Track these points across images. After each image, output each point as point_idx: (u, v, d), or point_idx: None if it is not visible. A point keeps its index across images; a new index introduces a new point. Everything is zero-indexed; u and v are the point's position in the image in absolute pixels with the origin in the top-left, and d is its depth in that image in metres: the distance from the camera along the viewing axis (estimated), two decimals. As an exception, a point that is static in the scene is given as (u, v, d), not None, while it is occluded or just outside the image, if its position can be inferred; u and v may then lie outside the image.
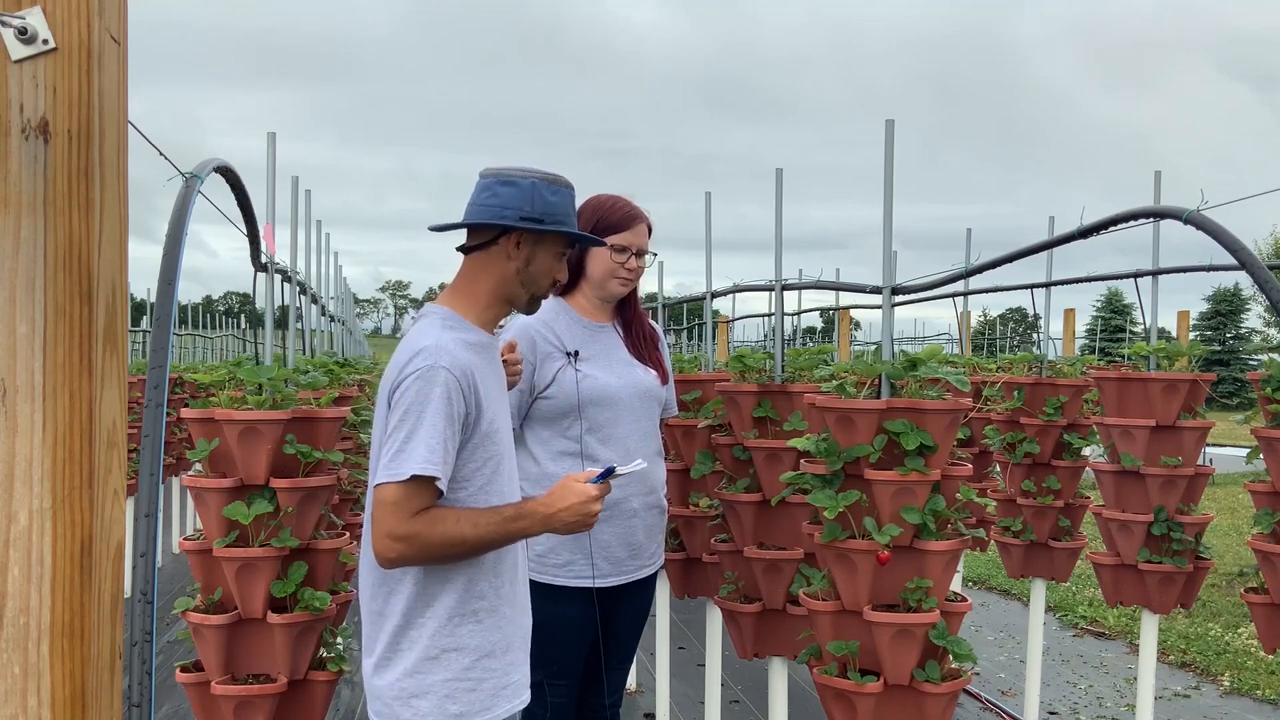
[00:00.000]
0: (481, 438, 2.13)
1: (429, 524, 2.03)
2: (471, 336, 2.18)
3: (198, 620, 2.94)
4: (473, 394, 2.10)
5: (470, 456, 2.12)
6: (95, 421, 1.11)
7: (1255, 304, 37.87)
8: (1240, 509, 11.99)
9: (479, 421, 2.12)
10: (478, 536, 2.06)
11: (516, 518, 2.09)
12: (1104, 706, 5.54)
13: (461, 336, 2.15)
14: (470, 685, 2.13)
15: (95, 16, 1.10)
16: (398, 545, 2.02)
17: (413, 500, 2.03)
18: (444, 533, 2.03)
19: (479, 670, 2.15)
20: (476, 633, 2.14)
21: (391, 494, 2.03)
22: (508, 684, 2.20)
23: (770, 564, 3.39)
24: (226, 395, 3.02)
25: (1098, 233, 2.73)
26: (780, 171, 3.51)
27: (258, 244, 3.03)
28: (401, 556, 2.04)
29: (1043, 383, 4.73)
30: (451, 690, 2.12)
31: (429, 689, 2.12)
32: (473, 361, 2.12)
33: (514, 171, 2.19)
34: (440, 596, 2.13)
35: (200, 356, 13.81)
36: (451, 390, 2.06)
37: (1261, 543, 3.70)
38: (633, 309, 3.13)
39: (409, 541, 2.02)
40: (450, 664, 2.13)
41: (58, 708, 1.09)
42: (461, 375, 2.07)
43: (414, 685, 2.12)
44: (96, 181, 1.11)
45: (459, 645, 2.13)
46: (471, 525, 2.05)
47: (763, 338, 13.26)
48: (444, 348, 2.09)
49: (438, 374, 2.05)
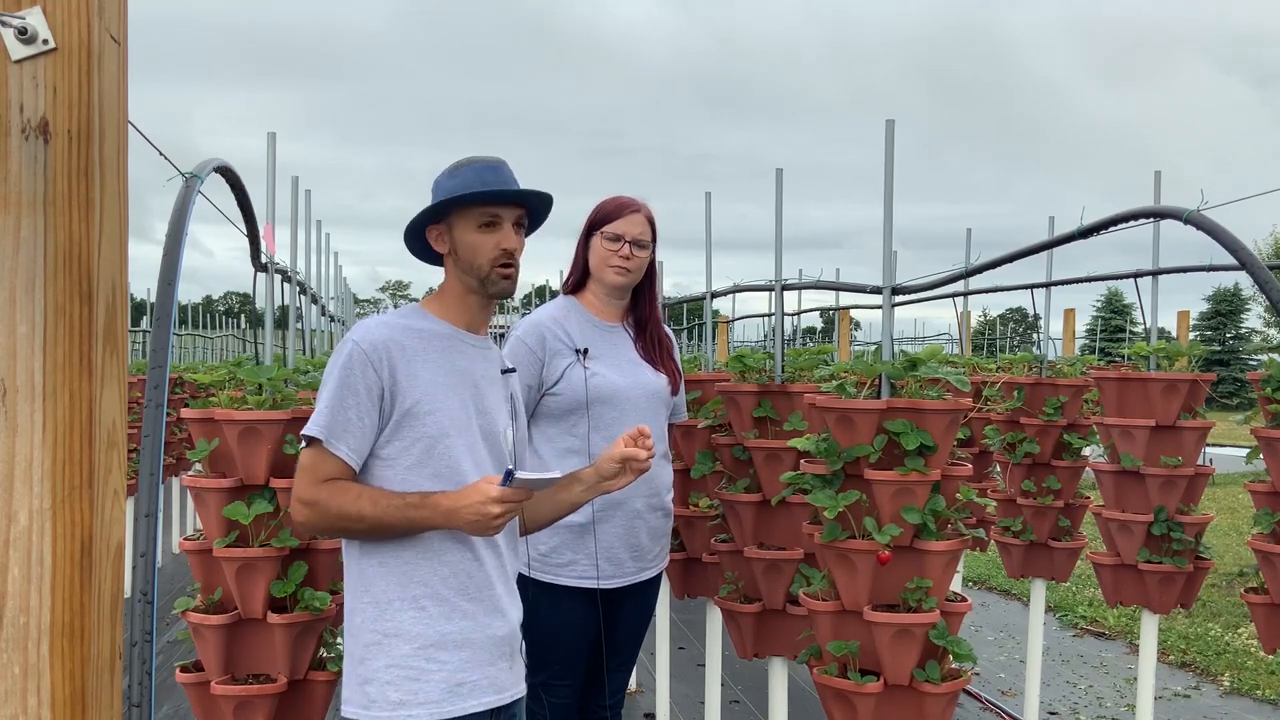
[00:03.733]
0: (404, 415, 2.13)
1: (331, 494, 2.09)
2: (419, 323, 2.21)
3: (198, 620, 2.94)
4: (385, 368, 2.12)
5: (394, 435, 2.14)
6: (95, 421, 1.11)
7: (1255, 304, 37.85)
8: (1240, 509, 11.98)
9: (396, 398, 2.13)
10: (375, 516, 2.08)
11: (419, 506, 2.08)
12: (1104, 706, 5.54)
13: (404, 322, 2.20)
14: (412, 674, 2.11)
15: (95, 16, 1.10)
16: (304, 510, 2.10)
17: (319, 467, 2.10)
18: (341, 505, 2.08)
19: (423, 660, 2.12)
20: (420, 620, 2.13)
21: (302, 459, 2.14)
22: (464, 682, 2.15)
23: (770, 564, 3.39)
24: (226, 395, 3.02)
25: (1098, 233, 2.73)
26: (780, 172, 3.51)
27: (258, 244, 3.03)
28: (307, 521, 2.12)
29: (1043, 383, 4.74)
30: (393, 677, 2.11)
31: (374, 675, 2.13)
32: (399, 340, 2.15)
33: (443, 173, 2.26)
34: (375, 581, 2.14)
35: (200, 356, 13.81)
36: (355, 361, 2.11)
37: (1261, 543, 3.70)
38: (649, 311, 3.10)
39: (312, 508, 2.10)
40: (390, 650, 2.12)
41: (58, 708, 1.09)
42: (370, 349, 2.12)
43: (364, 671, 2.14)
44: (96, 181, 1.11)
45: (398, 631, 2.13)
46: (371, 504, 2.08)
47: (763, 338, 13.26)
48: (362, 326, 2.18)
49: (345, 346, 2.14)
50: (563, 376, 2.89)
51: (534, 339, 2.90)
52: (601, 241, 2.98)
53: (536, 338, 2.90)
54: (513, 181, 2.24)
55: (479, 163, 2.22)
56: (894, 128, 2.78)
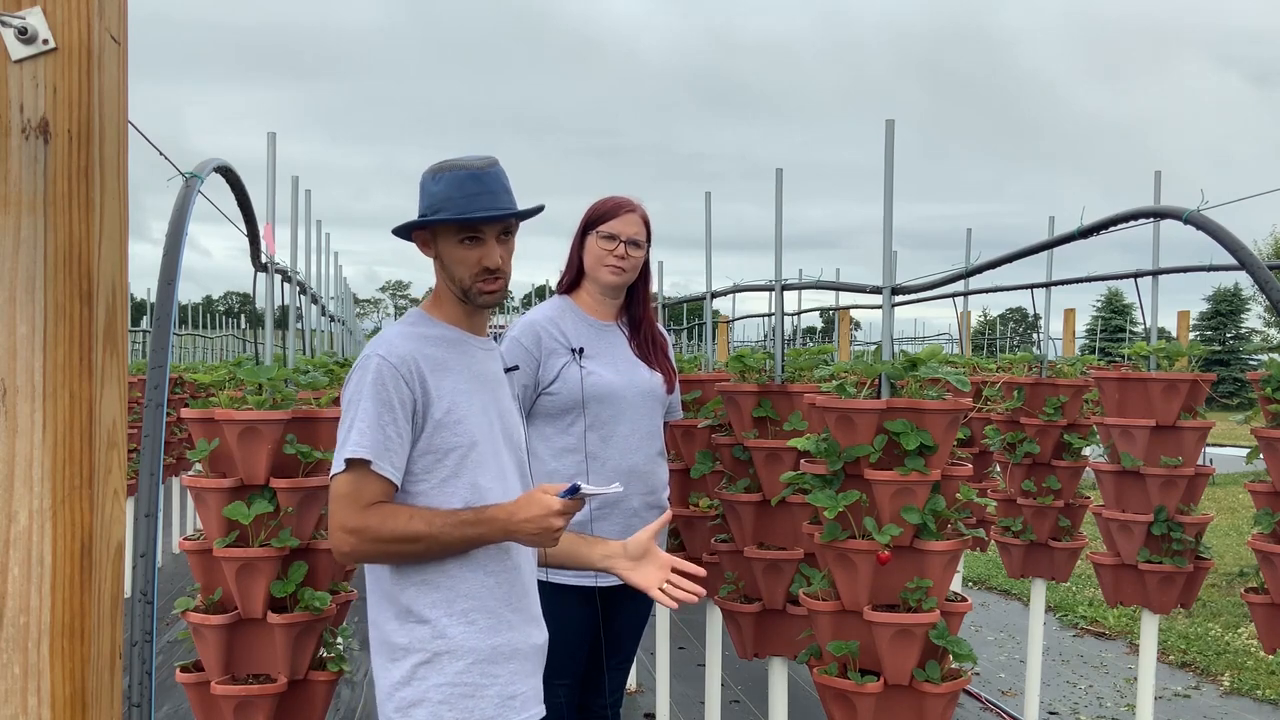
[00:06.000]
0: (435, 427, 2.06)
1: (381, 519, 1.99)
2: (432, 331, 2.16)
3: (198, 620, 2.94)
4: (416, 381, 2.05)
5: (427, 447, 2.07)
6: (95, 421, 1.11)
7: (1255, 304, 37.86)
8: (1240, 509, 11.98)
9: (428, 410, 2.06)
10: (431, 535, 2.00)
11: (475, 522, 2.02)
12: (1104, 706, 5.54)
13: (418, 330, 2.14)
14: (468, 690, 2.05)
15: (95, 16, 1.10)
16: (349, 538, 2.00)
17: (362, 491, 2.00)
18: (394, 529, 1.99)
19: (477, 675, 2.06)
20: (471, 634, 2.07)
21: (340, 485, 2.02)
22: (515, 694, 2.11)
23: (770, 564, 3.39)
24: (226, 395, 3.02)
25: (1098, 233, 2.73)
26: (780, 172, 3.51)
27: (258, 244, 3.03)
28: (355, 550, 2.01)
29: (1043, 383, 4.74)
30: (446, 695, 2.04)
31: (424, 696, 2.05)
32: (422, 351, 2.09)
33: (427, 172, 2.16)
34: (418, 600, 2.06)
35: (200, 356, 13.82)
36: (385, 375, 2.03)
37: (1261, 543, 3.71)
38: (643, 310, 3.11)
39: (360, 534, 1.99)
40: (444, 668, 2.05)
41: (58, 708, 1.09)
42: (399, 361, 2.05)
43: (411, 694, 2.05)
44: (96, 181, 1.11)
45: (450, 648, 2.06)
46: (425, 524, 2.00)
47: (763, 338, 13.26)
48: (383, 339, 2.11)
49: (370, 361, 2.06)
50: (559, 376, 2.90)
51: (529, 338, 2.91)
52: (597, 241, 2.99)
53: (532, 337, 2.91)
54: (497, 190, 2.10)
55: (460, 169, 2.09)
56: (894, 128, 2.78)
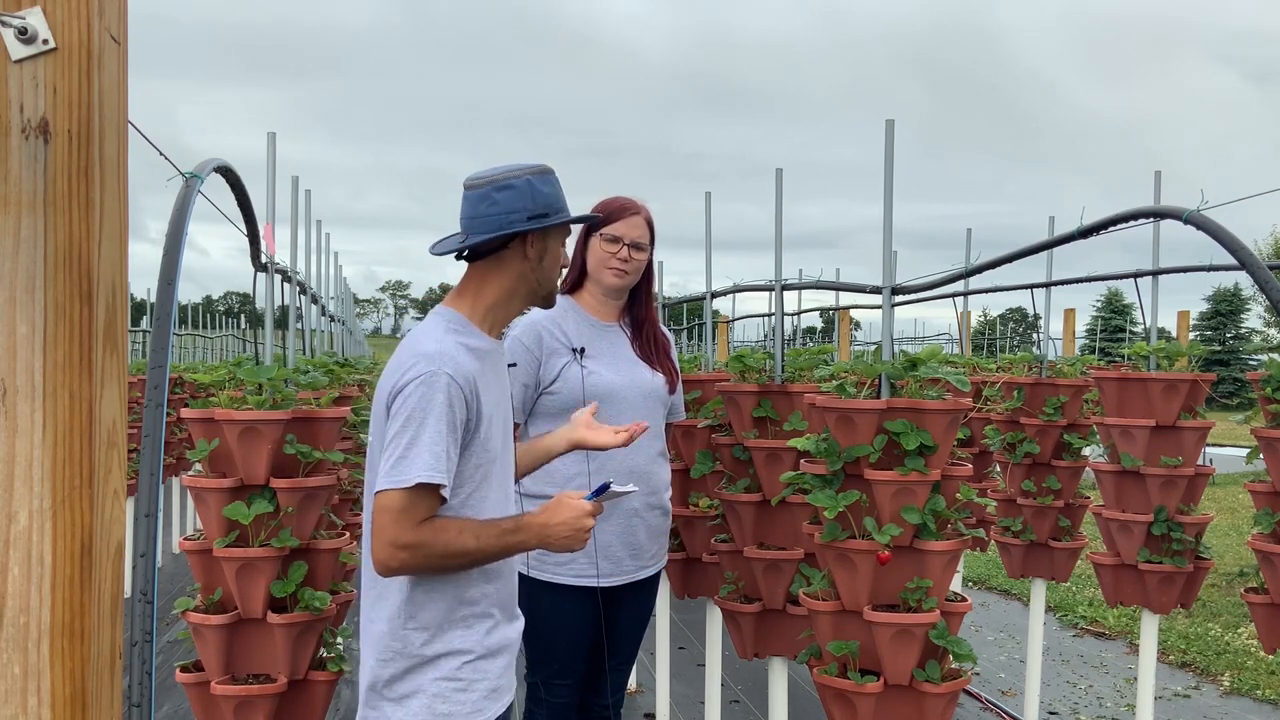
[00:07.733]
0: (475, 442, 2.11)
1: (434, 534, 2.01)
2: (474, 341, 2.16)
3: (198, 620, 2.94)
4: (475, 400, 2.08)
5: (464, 464, 2.11)
6: (95, 421, 1.11)
7: (1255, 304, 37.89)
8: (1240, 509, 11.99)
9: (477, 429, 2.11)
10: (478, 548, 2.06)
11: (515, 530, 2.10)
12: (1104, 706, 5.54)
13: (465, 341, 2.13)
14: (461, 685, 2.13)
15: (95, 16, 1.10)
16: (401, 554, 2.00)
17: (418, 508, 2.01)
18: (446, 543, 2.02)
19: (470, 671, 2.14)
20: (468, 637, 2.14)
21: (395, 501, 2.00)
22: (498, 686, 2.20)
23: (770, 564, 3.39)
24: (226, 395, 3.02)
25: (1098, 233, 2.73)
26: (780, 172, 3.51)
27: (258, 244, 3.03)
28: (404, 565, 2.03)
29: (1043, 383, 4.74)
30: (440, 689, 2.12)
31: (420, 688, 2.12)
32: (475, 367, 2.10)
33: (504, 175, 2.17)
34: (425, 606, 2.11)
35: (200, 356, 13.81)
36: (454, 397, 2.03)
37: (1261, 543, 3.70)
38: (645, 310, 3.12)
39: (413, 550, 2.00)
40: (441, 666, 2.13)
41: (58, 708, 1.09)
42: (465, 382, 2.05)
43: (405, 687, 2.12)
44: (96, 181, 1.11)
45: (449, 649, 2.13)
46: (474, 537, 2.05)
47: (763, 338, 13.26)
48: (447, 353, 2.07)
49: (440, 379, 2.03)
50: (560, 376, 2.90)
51: (531, 338, 2.91)
52: (600, 243, 2.99)
53: (534, 337, 2.91)
54: None
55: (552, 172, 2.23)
56: (894, 128, 2.78)
